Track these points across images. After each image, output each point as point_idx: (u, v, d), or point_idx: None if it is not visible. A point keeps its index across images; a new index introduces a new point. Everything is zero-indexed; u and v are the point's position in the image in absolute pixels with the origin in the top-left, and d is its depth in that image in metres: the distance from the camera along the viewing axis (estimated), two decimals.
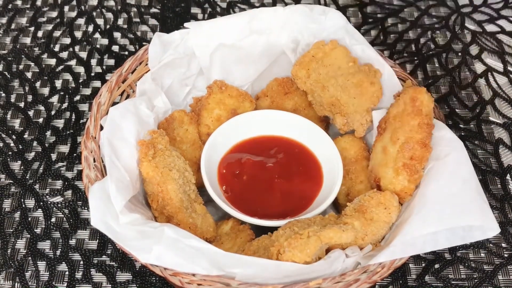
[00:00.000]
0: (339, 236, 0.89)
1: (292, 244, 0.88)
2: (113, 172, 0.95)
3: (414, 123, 1.00)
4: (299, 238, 0.88)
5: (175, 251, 0.88)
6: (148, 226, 0.91)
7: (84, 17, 1.53)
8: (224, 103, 1.18)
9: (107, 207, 0.91)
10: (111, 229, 0.90)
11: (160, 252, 0.88)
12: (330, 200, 1.06)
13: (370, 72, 1.12)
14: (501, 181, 1.25)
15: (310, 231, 0.89)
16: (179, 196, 0.99)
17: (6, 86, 1.37)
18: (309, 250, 0.86)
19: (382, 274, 0.89)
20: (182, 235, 0.89)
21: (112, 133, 1.01)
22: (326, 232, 0.88)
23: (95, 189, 0.93)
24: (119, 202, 0.92)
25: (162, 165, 0.99)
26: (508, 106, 1.38)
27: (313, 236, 0.87)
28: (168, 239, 0.88)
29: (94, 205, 0.92)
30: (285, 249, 0.88)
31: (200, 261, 0.88)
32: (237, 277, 0.88)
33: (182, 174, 1.03)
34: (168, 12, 1.55)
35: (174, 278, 0.88)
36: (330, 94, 1.13)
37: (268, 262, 0.88)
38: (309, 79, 1.16)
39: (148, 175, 0.98)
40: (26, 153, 1.26)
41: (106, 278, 1.09)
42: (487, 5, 1.59)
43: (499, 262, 1.14)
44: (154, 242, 0.88)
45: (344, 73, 1.13)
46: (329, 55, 1.15)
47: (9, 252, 1.12)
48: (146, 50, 1.16)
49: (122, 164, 0.98)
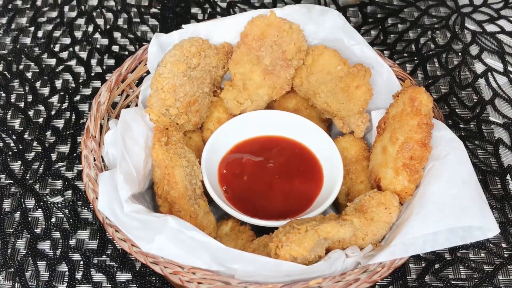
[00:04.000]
0: (337, 231, 0.89)
1: (290, 238, 0.88)
2: (123, 165, 0.99)
3: (413, 123, 1.00)
4: (296, 233, 0.88)
5: (177, 243, 0.89)
6: (152, 216, 0.92)
7: (84, 17, 1.53)
8: (222, 105, 1.18)
9: (114, 194, 0.95)
10: (116, 215, 0.93)
11: (162, 243, 0.89)
12: (330, 200, 1.06)
13: (359, 73, 1.10)
14: (501, 181, 1.25)
15: (308, 225, 0.89)
16: (184, 182, 1.00)
17: (6, 86, 1.37)
18: (306, 244, 0.86)
19: (382, 274, 0.89)
20: (185, 227, 0.90)
21: (125, 132, 1.04)
22: (324, 226, 0.88)
23: (105, 176, 0.97)
24: (125, 192, 0.95)
25: (172, 152, 1.02)
26: (508, 106, 1.38)
27: (311, 230, 0.88)
28: (171, 230, 0.89)
29: (103, 191, 0.95)
30: (283, 243, 0.88)
31: (201, 255, 0.88)
32: (236, 273, 0.88)
33: (191, 166, 1.05)
34: (168, 12, 1.55)
35: (174, 276, 0.88)
36: (322, 100, 1.15)
37: (268, 260, 0.88)
38: (302, 87, 1.18)
39: (158, 158, 1.00)
40: (26, 153, 1.26)
41: (106, 278, 1.10)
42: (487, 5, 1.59)
43: (499, 262, 1.14)
44: (157, 232, 0.89)
45: (333, 78, 1.14)
46: (317, 61, 1.16)
47: (9, 252, 1.12)
48: (146, 49, 1.16)
49: (131, 161, 1.01)
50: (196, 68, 1.10)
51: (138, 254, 0.90)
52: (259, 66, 1.14)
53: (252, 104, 1.16)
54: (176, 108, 1.07)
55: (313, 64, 1.16)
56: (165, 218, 0.90)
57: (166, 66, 1.08)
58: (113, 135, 1.04)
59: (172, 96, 1.06)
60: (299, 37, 1.15)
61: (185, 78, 1.08)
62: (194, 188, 1.04)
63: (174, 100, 1.06)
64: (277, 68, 1.15)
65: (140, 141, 1.04)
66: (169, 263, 0.89)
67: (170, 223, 0.89)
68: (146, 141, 1.05)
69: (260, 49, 1.14)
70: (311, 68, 1.16)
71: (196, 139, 1.17)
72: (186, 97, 1.08)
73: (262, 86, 1.14)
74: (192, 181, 1.04)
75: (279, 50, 1.14)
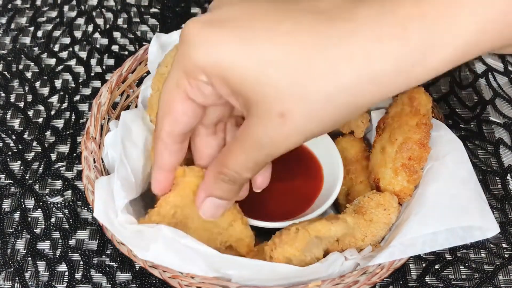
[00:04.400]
0: (328, 229, 0.88)
1: (283, 240, 0.88)
2: (121, 170, 0.98)
3: (412, 123, 1.00)
4: (288, 233, 0.88)
5: (172, 251, 0.88)
6: (145, 226, 0.92)
7: (84, 17, 1.53)
8: None
9: (110, 201, 0.94)
10: (111, 223, 0.92)
11: (158, 251, 0.88)
12: (331, 200, 1.06)
13: None
14: (501, 181, 1.25)
15: (299, 225, 0.89)
16: None
17: (5, 86, 1.37)
18: (298, 244, 0.87)
19: (381, 275, 0.89)
20: (179, 235, 0.89)
21: (124, 134, 1.03)
22: (314, 225, 0.88)
23: (101, 182, 0.96)
24: (122, 199, 0.93)
25: None
26: (509, 106, 1.38)
27: (301, 230, 0.88)
28: (165, 239, 0.88)
29: (99, 197, 0.94)
30: (276, 245, 0.88)
31: (197, 262, 0.88)
32: (233, 279, 0.88)
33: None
34: (168, 12, 1.55)
35: (173, 280, 0.88)
36: None
37: (262, 264, 0.88)
38: None
39: None
40: (26, 153, 1.26)
41: (106, 278, 1.10)
42: None
43: (499, 262, 1.14)
44: (151, 241, 0.89)
45: None
46: None
47: (8, 252, 1.12)
48: (146, 50, 1.16)
49: (130, 165, 1.00)
50: None
51: (137, 257, 0.90)
52: None
53: None
54: None
55: None
56: (159, 227, 0.89)
57: (168, 66, 1.07)
58: (113, 137, 1.04)
59: None
60: None
61: None
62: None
63: None
64: None
65: (139, 144, 1.04)
66: (167, 267, 0.89)
67: (164, 232, 0.88)
68: (145, 144, 1.05)
69: None
70: None
71: None
72: None
73: None
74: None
75: None
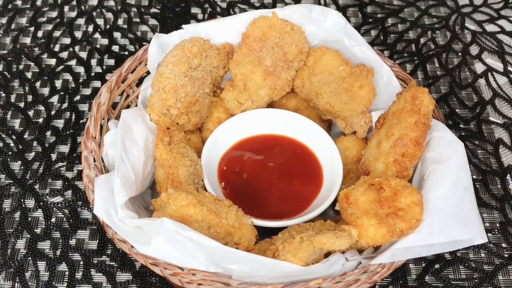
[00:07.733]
0: (333, 242, 0.88)
1: (286, 248, 0.88)
2: (121, 169, 0.98)
3: (411, 120, 1.00)
4: (292, 243, 0.88)
5: (173, 244, 0.88)
6: (146, 220, 0.92)
7: (84, 17, 1.53)
8: (222, 105, 1.18)
9: (110, 198, 0.95)
10: (112, 219, 0.93)
11: (159, 245, 0.88)
12: (329, 201, 1.06)
13: (361, 73, 1.11)
14: (501, 181, 1.25)
15: (304, 235, 0.89)
16: (188, 182, 1.01)
17: (6, 86, 1.37)
18: (301, 255, 0.87)
19: (382, 274, 0.89)
20: (181, 227, 0.89)
21: (124, 133, 1.03)
22: (320, 237, 0.88)
23: (101, 180, 0.97)
24: (121, 197, 0.94)
25: (176, 151, 1.02)
26: (508, 106, 1.38)
27: (306, 241, 0.87)
28: (167, 231, 0.88)
29: (99, 194, 0.95)
30: (279, 252, 0.88)
31: (198, 256, 0.88)
32: (233, 274, 0.88)
33: (194, 166, 1.05)
34: (168, 12, 1.55)
35: (174, 277, 0.88)
36: (324, 101, 1.14)
37: (265, 260, 0.88)
38: (304, 88, 1.17)
39: (161, 158, 1.00)
40: (26, 153, 1.26)
41: (106, 278, 1.10)
42: (487, 5, 1.59)
43: (499, 262, 1.14)
44: (153, 234, 0.89)
45: (335, 79, 1.13)
46: (319, 62, 1.16)
47: (9, 252, 1.12)
48: (146, 50, 1.16)
49: (130, 163, 1.00)
50: (197, 69, 1.10)
51: (138, 255, 0.90)
52: (260, 67, 1.14)
53: (253, 105, 1.16)
54: (177, 109, 1.07)
55: (315, 65, 1.16)
56: (161, 220, 0.89)
57: (168, 66, 1.08)
58: (112, 136, 1.04)
59: (173, 96, 1.06)
60: (301, 39, 1.16)
61: (186, 78, 1.08)
62: (197, 188, 1.04)
63: (175, 100, 1.06)
64: (278, 69, 1.15)
65: (139, 142, 1.04)
66: (168, 265, 0.89)
67: (166, 225, 0.88)
68: (146, 142, 1.05)
69: (262, 50, 1.14)
70: (313, 69, 1.16)
71: (195, 140, 1.17)
72: (187, 97, 1.08)
73: (263, 87, 1.14)
74: (195, 180, 1.05)
75: (280, 51, 1.15)
